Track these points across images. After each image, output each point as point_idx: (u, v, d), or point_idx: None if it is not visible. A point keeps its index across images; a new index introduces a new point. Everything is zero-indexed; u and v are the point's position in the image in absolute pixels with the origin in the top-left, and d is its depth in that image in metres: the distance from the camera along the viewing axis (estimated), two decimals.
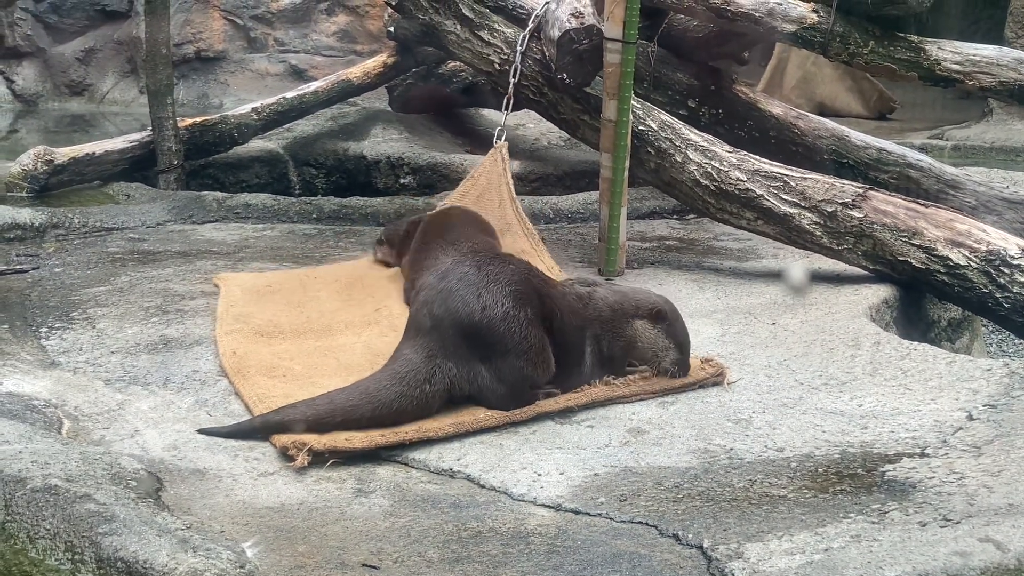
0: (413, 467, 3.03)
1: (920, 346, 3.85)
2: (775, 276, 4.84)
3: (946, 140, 8.96)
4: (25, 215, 5.55)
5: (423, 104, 8.30)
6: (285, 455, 3.03)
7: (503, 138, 5.28)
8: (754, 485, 2.86)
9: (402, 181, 7.57)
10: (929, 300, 4.75)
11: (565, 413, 3.31)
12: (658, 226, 6.04)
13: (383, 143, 7.82)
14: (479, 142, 8.11)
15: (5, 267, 4.88)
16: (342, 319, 4.17)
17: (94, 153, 6.57)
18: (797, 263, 4.67)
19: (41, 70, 11.62)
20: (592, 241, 5.38)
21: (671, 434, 3.19)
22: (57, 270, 4.91)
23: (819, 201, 4.63)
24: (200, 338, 3.96)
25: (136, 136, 6.92)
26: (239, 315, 4.17)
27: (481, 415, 3.24)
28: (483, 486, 2.91)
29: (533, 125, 8.29)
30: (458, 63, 7.26)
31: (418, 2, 5.47)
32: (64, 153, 6.43)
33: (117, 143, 6.80)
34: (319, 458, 2.99)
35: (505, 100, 5.25)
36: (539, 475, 2.94)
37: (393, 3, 5.72)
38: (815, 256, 4.84)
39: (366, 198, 6.50)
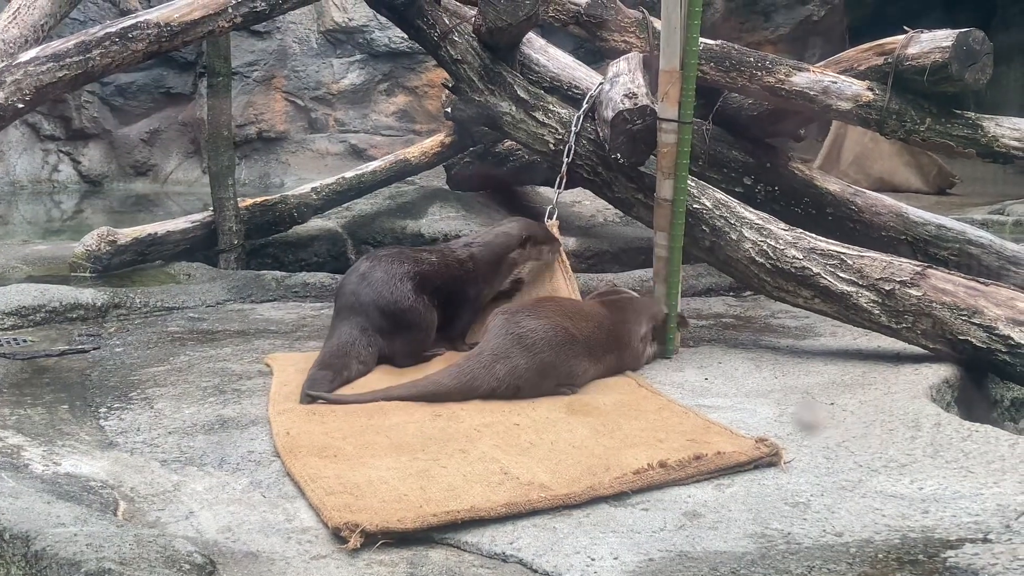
0: (465, 550, 3.01)
1: (982, 427, 3.78)
2: (833, 355, 4.79)
3: (1007, 215, 8.85)
4: (87, 295, 5.64)
5: (482, 183, 8.37)
6: (337, 536, 3.02)
7: (554, 217, 5.30)
8: (812, 572, 2.80)
9: None
10: (991, 379, 4.67)
11: (619, 496, 3.28)
12: (714, 303, 6.02)
13: (440, 221, 7.90)
14: (535, 219, 8.14)
15: (67, 347, 4.96)
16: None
17: (156, 234, 6.69)
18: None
19: (107, 151, 11.91)
20: None
21: (727, 518, 3.15)
22: (118, 350, 4.98)
23: (877, 279, 4.59)
24: (256, 418, 3.99)
25: (198, 216, 7.05)
26: (291, 394, 4.20)
27: (534, 496, 3.22)
28: (536, 571, 2.88)
29: (589, 202, 8.32)
30: (514, 143, 7.33)
31: (474, 84, 5.54)
32: (127, 234, 6.55)
33: (179, 224, 6.92)
34: (371, 539, 2.98)
35: (558, 179, 5.29)
36: (593, 560, 2.91)
37: (450, 85, 5.80)
38: (874, 335, 4.79)
39: None
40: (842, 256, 4.71)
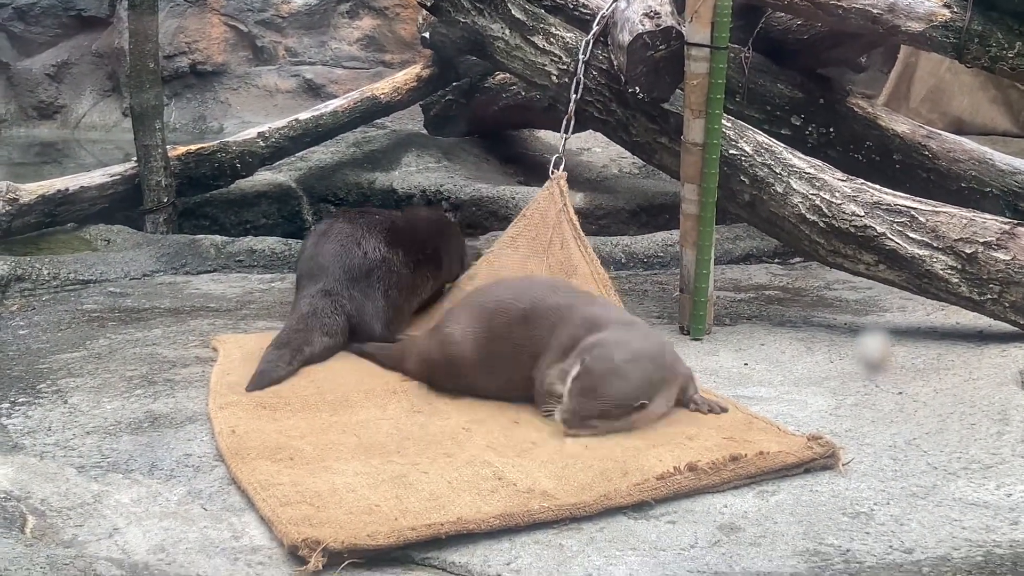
0: (452, 572, 3.03)
1: None
2: (902, 334, 4.81)
3: None
4: None
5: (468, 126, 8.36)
6: (295, 556, 3.04)
7: (561, 168, 5.29)
8: None
9: None
10: None
11: (640, 506, 3.30)
12: (755, 272, 6.03)
13: (417, 173, 7.88)
14: (534, 171, 8.15)
15: None
16: (362, 388, 4.24)
17: (67, 190, 6.67)
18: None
19: (4, 89, 11.84)
20: (673, 292, 5.38)
21: (772, 531, 3.17)
22: (22, 332, 4.99)
23: (955, 240, 4.61)
24: (194, 414, 4.01)
25: (118, 169, 7.02)
26: (236, 384, 4.22)
27: (535, 506, 3.24)
28: None
29: (600, 149, 8.33)
30: (508, 75, 7.33)
31: (458, 2, 5.53)
32: (31, 190, 6.53)
33: (95, 177, 6.90)
34: (336, 559, 3.00)
35: (565, 121, 5.28)
36: None
37: (428, 4, 5.79)
38: (951, 309, 4.81)
39: None
40: (913, 212, 4.73)
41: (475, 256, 5.43)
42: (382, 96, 8.02)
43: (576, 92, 5.23)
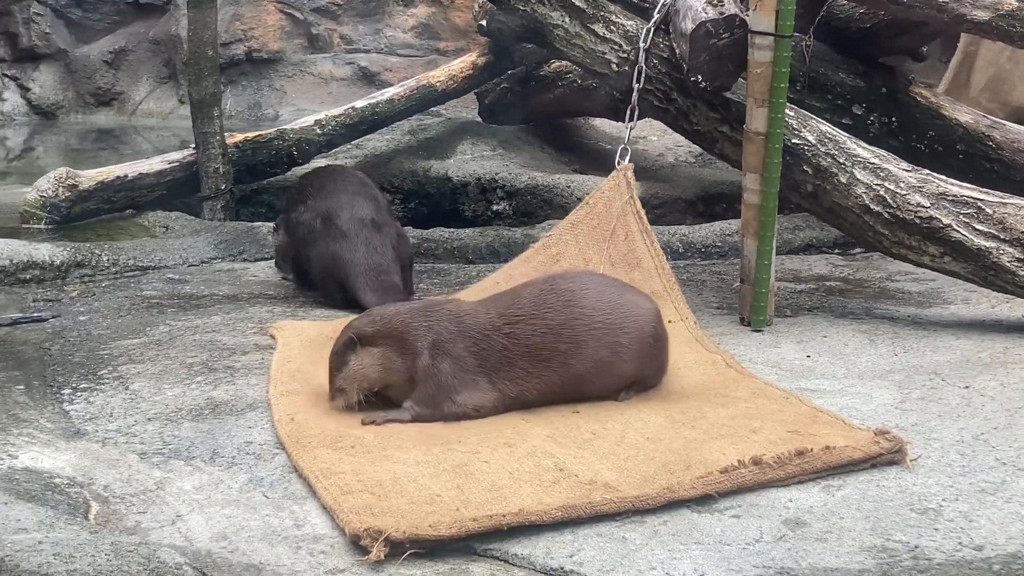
0: (514, 564, 3.02)
1: None
2: (967, 326, 4.76)
3: None
4: (44, 252, 5.68)
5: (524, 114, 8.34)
6: (357, 545, 3.03)
7: (627, 158, 5.26)
8: None
9: (495, 208, 7.61)
10: None
11: (704, 500, 3.28)
12: (816, 263, 5.99)
13: (472, 161, 7.88)
14: (590, 159, 8.13)
15: (20, 315, 4.99)
16: None
17: (126, 176, 6.71)
18: None
19: (62, 76, 11.93)
20: (732, 282, 5.35)
21: (839, 527, 3.14)
22: (82, 319, 5.01)
23: (1022, 232, 4.55)
24: (254, 401, 4.01)
25: (176, 156, 7.06)
26: (297, 372, 4.22)
27: (597, 498, 3.22)
28: None
29: (656, 138, 8.29)
30: (565, 63, 7.30)
31: None
32: (90, 177, 6.57)
33: (153, 164, 6.95)
34: (398, 549, 2.99)
35: (628, 110, 5.25)
36: None
37: None
38: (1016, 301, 4.75)
39: (452, 229, 6.54)
40: (979, 203, 4.67)
41: None
42: (438, 84, 8.04)
43: (639, 81, 5.20)
